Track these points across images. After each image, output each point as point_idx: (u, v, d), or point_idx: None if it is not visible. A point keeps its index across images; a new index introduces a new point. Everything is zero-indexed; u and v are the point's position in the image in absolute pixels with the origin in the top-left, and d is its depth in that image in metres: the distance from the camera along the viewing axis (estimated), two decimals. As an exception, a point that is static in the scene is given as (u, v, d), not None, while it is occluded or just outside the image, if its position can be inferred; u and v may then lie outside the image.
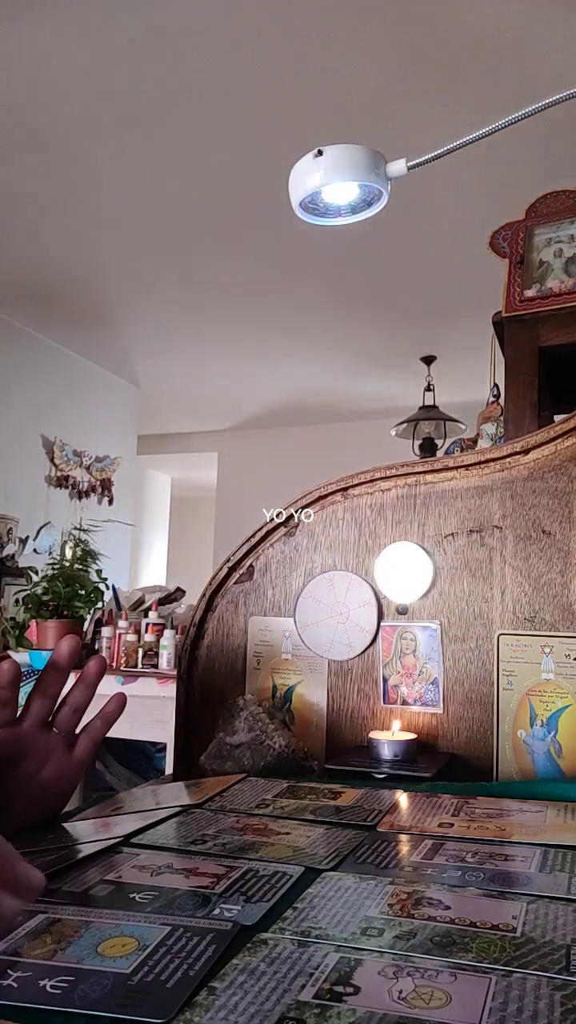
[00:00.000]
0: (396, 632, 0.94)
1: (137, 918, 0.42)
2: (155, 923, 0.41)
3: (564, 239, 1.45)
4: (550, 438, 0.89)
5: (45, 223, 3.34)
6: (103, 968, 0.37)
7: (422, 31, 2.18)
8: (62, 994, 0.35)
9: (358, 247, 3.43)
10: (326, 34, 2.20)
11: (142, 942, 0.39)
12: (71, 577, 2.06)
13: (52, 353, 4.75)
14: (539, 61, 2.26)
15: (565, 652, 0.85)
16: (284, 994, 0.35)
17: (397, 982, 0.36)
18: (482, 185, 2.86)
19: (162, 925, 0.41)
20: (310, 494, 0.99)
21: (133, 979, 0.36)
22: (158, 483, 7.73)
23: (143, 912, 0.44)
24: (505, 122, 0.82)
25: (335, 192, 0.88)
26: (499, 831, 0.60)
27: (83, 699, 0.69)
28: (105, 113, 2.57)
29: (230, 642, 1.01)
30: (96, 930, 0.41)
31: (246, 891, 0.47)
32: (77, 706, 0.69)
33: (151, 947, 0.38)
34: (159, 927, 0.41)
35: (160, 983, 0.35)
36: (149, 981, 0.35)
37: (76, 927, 0.41)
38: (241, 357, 4.93)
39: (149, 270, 3.75)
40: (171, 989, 0.35)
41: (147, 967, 0.37)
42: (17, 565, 4.18)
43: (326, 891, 0.48)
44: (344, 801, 0.69)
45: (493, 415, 2.01)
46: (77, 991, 0.35)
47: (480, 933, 0.42)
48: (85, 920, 0.42)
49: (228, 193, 3.05)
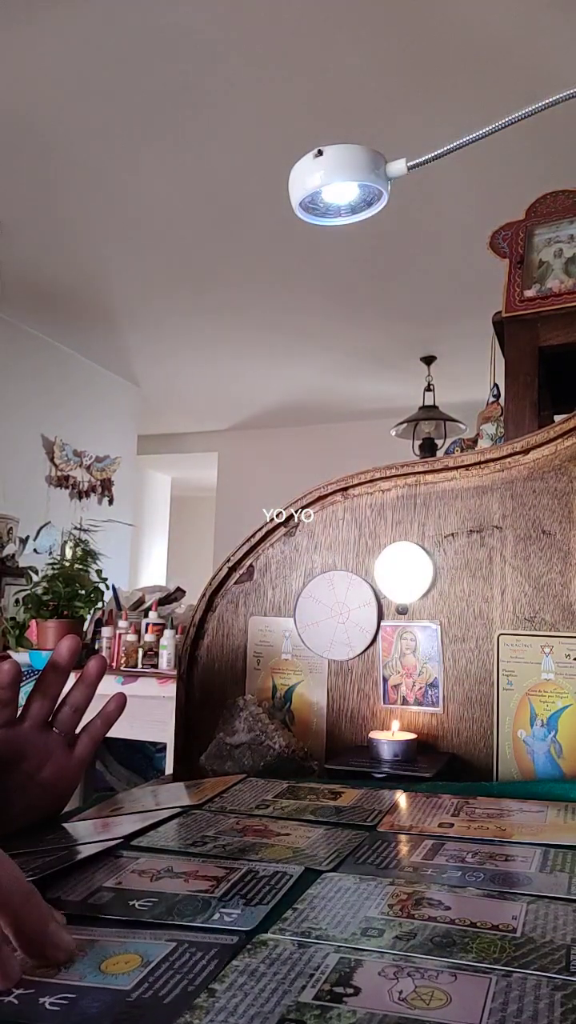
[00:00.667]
0: (396, 632, 0.94)
1: (143, 935, 0.42)
2: (160, 939, 0.41)
3: (564, 239, 1.46)
4: (550, 438, 0.89)
5: (45, 223, 3.34)
6: (104, 985, 0.37)
7: (422, 31, 2.18)
8: (61, 1011, 0.35)
9: (358, 247, 3.42)
10: (326, 35, 2.20)
11: (145, 958, 0.39)
12: (71, 577, 2.06)
13: (52, 353, 4.75)
14: (539, 61, 2.26)
15: (565, 652, 0.85)
16: (284, 995, 0.35)
17: (397, 983, 0.36)
18: (482, 185, 2.86)
19: (168, 941, 0.41)
20: (310, 494, 0.99)
21: (132, 996, 0.36)
22: (158, 483, 7.73)
23: (143, 920, 0.44)
24: (505, 122, 0.82)
25: (335, 192, 0.88)
26: (499, 831, 0.60)
27: (83, 699, 0.69)
28: (106, 113, 2.57)
29: (230, 642, 1.01)
30: (101, 948, 0.41)
31: (246, 893, 0.47)
32: (77, 706, 0.69)
33: (153, 963, 0.38)
34: (164, 943, 0.41)
35: (158, 999, 0.35)
36: (147, 998, 0.35)
37: (82, 946, 0.40)
38: (241, 357, 4.93)
39: (150, 270, 3.75)
40: (168, 1005, 0.35)
41: (147, 983, 0.37)
42: (17, 565, 4.18)
43: (326, 892, 0.48)
44: (344, 801, 0.69)
45: (493, 415, 2.01)
46: (76, 1008, 0.35)
47: (480, 933, 0.42)
48: (91, 939, 0.42)
49: (228, 193, 3.05)
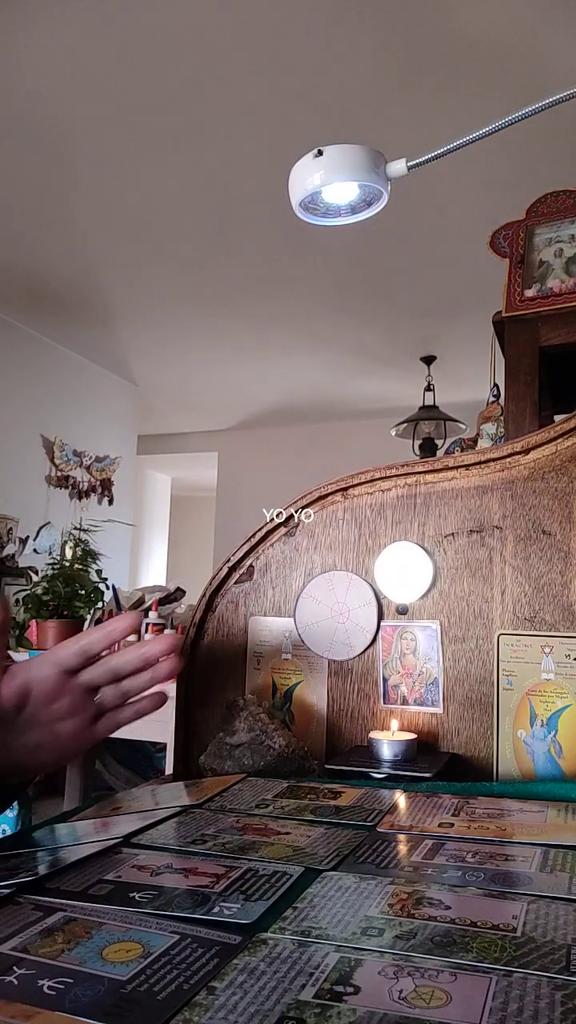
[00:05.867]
0: (396, 632, 0.93)
1: (148, 923, 0.42)
2: (165, 931, 0.41)
3: (564, 239, 1.46)
4: (550, 438, 0.89)
5: (45, 223, 3.34)
6: (101, 973, 0.37)
7: (422, 31, 2.18)
8: (56, 996, 0.35)
9: (358, 247, 3.42)
10: (327, 35, 2.20)
11: (147, 949, 0.39)
12: (71, 577, 2.06)
13: (52, 353, 4.75)
14: (539, 61, 2.26)
15: (565, 652, 0.85)
16: (284, 994, 0.35)
17: (397, 982, 0.36)
18: (482, 185, 2.86)
19: (172, 933, 0.41)
20: (310, 494, 0.99)
21: (127, 987, 0.36)
22: (158, 483, 7.73)
23: (146, 909, 0.44)
24: (505, 122, 0.82)
25: (335, 192, 0.88)
26: (499, 831, 0.60)
27: (128, 667, 0.66)
28: (105, 112, 2.57)
29: (230, 642, 1.01)
30: (106, 933, 0.41)
31: (246, 890, 0.47)
32: (128, 693, 0.67)
33: (154, 955, 0.38)
34: (168, 935, 0.41)
35: (152, 994, 0.35)
36: (142, 991, 0.35)
37: (89, 928, 0.41)
38: (241, 357, 4.93)
39: (150, 270, 3.75)
40: (161, 1001, 0.35)
41: (143, 976, 0.37)
42: (17, 565, 4.18)
43: (326, 891, 0.48)
44: (344, 801, 0.69)
45: (493, 415, 2.01)
46: (71, 994, 0.35)
47: (480, 933, 0.42)
48: (99, 921, 0.42)
49: (228, 193, 3.05)
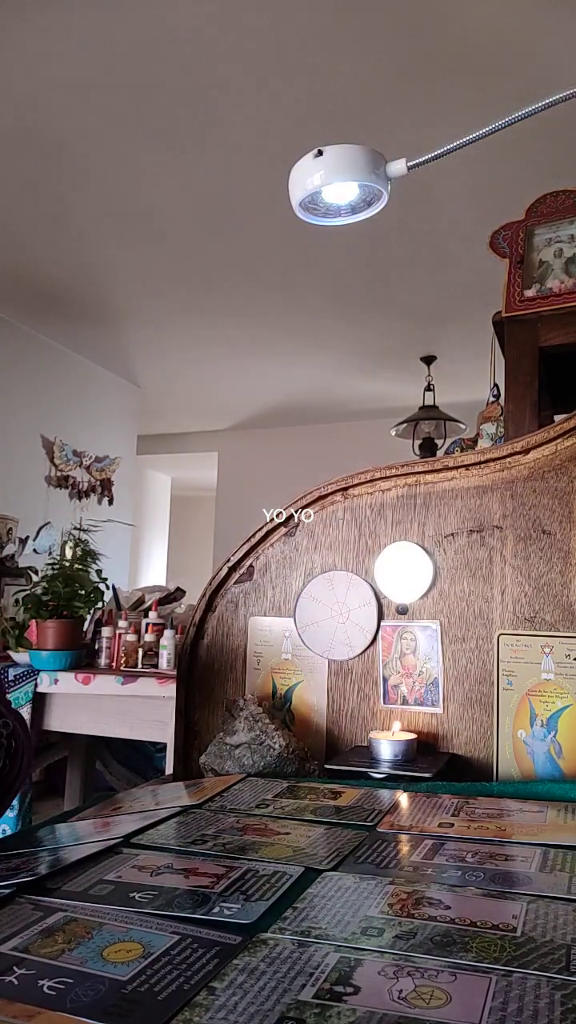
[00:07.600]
0: (396, 632, 0.93)
1: (148, 923, 0.42)
2: (165, 931, 0.41)
3: (564, 239, 1.46)
4: (550, 438, 0.89)
5: (45, 223, 3.34)
6: (102, 973, 0.37)
7: (422, 31, 2.18)
8: (57, 996, 0.35)
9: (358, 247, 3.42)
10: (327, 35, 2.20)
11: (147, 949, 0.39)
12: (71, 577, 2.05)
13: (52, 353, 4.75)
14: (539, 61, 2.26)
15: (565, 652, 0.85)
16: (284, 994, 0.35)
17: (397, 982, 0.36)
18: (482, 185, 2.86)
19: (172, 933, 0.41)
20: (310, 494, 0.99)
21: (128, 987, 0.36)
22: (158, 483, 7.72)
23: (146, 910, 0.44)
24: (505, 122, 0.82)
25: (335, 192, 0.88)
26: (499, 831, 0.60)
27: None
28: (106, 113, 2.57)
29: (230, 642, 1.01)
30: (107, 933, 0.41)
31: (246, 890, 0.47)
32: None
33: (154, 955, 0.38)
34: (168, 935, 0.41)
35: (152, 994, 0.35)
36: (143, 992, 0.35)
37: (89, 928, 0.40)
38: (241, 357, 4.93)
39: (150, 270, 3.75)
40: (161, 1001, 0.35)
41: (144, 976, 0.37)
42: (17, 565, 4.17)
43: (326, 891, 0.48)
44: (344, 801, 0.69)
45: (493, 415, 2.01)
46: (71, 994, 0.35)
47: (480, 933, 0.42)
48: (99, 922, 0.42)
49: (228, 193, 3.05)
